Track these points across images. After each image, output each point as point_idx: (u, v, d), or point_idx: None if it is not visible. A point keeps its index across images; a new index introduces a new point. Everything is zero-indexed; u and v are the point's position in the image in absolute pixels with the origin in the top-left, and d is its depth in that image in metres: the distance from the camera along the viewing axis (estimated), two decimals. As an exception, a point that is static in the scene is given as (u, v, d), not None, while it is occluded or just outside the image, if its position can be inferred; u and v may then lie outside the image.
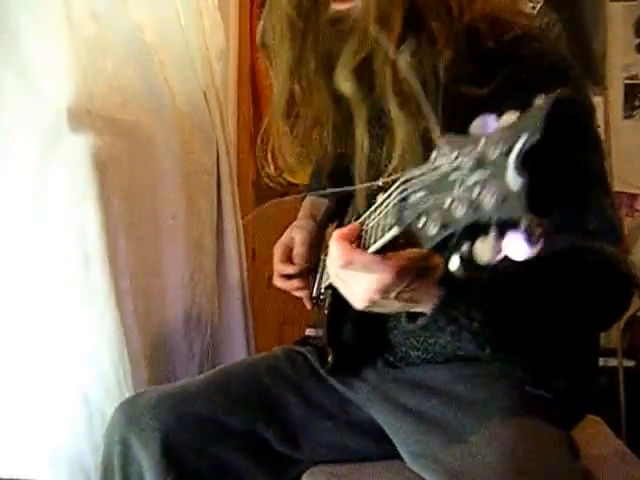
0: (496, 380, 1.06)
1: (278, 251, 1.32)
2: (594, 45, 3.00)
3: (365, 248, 0.80)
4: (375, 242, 0.78)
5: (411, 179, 0.69)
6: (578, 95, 1.00)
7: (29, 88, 1.33)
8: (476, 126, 0.59)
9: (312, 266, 1.31)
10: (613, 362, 2.50)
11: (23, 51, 1.33)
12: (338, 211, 1.33)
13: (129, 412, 1.15)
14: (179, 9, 1.59)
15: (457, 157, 0.60)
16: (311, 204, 1.39)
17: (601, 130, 2.94)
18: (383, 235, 0.76)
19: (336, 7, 1.00)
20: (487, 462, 0.92)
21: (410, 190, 0.69)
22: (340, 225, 1.29)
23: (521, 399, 1.04)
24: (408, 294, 0.82)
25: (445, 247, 0.63)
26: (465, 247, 0.60)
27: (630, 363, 2.59)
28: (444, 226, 0.61)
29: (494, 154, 0.55)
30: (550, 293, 0.89)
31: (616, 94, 3.00)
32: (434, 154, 0.64)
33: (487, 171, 0.56)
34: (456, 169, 0.60)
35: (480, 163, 0.57)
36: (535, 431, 0.99)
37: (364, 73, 0.98)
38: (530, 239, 0.55)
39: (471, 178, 0.58)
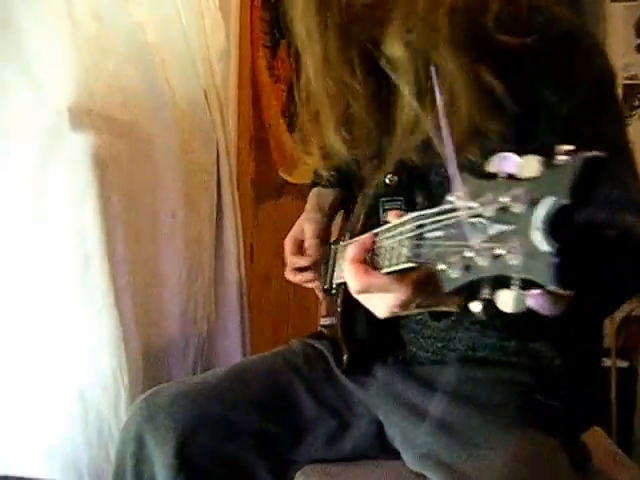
0: (505, 385, 1.06)
1: (289, 244, 1.31)
2: (594, 45, 3.00)
3: (378, 267, 0.81)
4: (390, 266, 0.78)
5: (426, 216, 0.69)
6: (598, 62, 0.98)
7: (30, 87, 1.33)
8: (494, 164, 0.58)
9: (323, 257, 1.29)
10: (606, 362, 2.50)
11: (25, 50, 1.33)
12: (345, 201, 1.32)
13: (145, 409, 1.14)
14: (180, 9, 1.59)
15: (477, 203, 0.59)
16: (318, 196, 1.37)
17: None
18: (398, 263, 0.76)
19: None
20: (493, 467, 0.92)
21: (427, 227, 0.68)
22: (348, 216, 1.29)
23: (529, 405, 1.04)
24: (429, 301, 0.82)
25: (464, 289, 0.62)
26: (487, 294, 0.59)
27: (624, 364, 2.59)
28: (466, 272, 0.61)
29: (518, 209, 0.54)
30: (573, 271, 0.87)
31: (615, 94, 3.00)
32: (451, 196, 0.63)
33: (511, 226, 0.55)
34: (476, 216, 0.59)
35: (502, 215, 0.56)
36: (541, 439, 0.99)
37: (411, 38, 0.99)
38: (554, 301, 0.55)
39: (493, 228, 0.57)
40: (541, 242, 0.52)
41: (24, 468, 1.36)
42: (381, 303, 0.82)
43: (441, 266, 0.64)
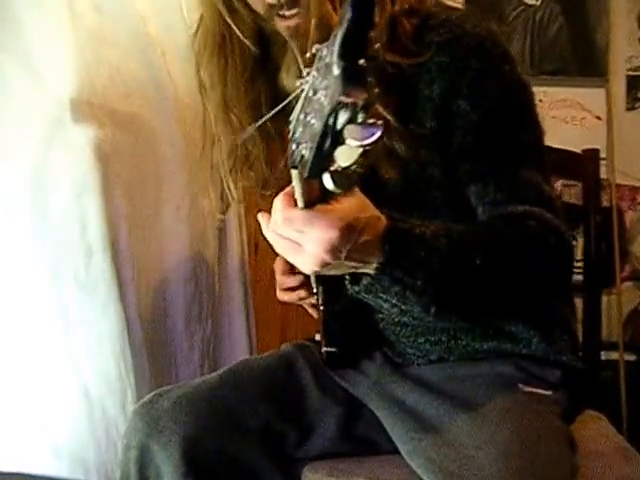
0: (491, 380, 1.07)
1: (279, 265, 1.32)
2: (597, 36, 3.00)
3: None
4: (296, 195, 0.76)
5: (293, 118, 0.70)
6: (507, 70, 1.03)
7: (31, 79, 1.33)
8: None
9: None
10: (615, 355, 2.50)
11: (26, 42, 1.33)
12: None
13: (146, 415, 1.12)
14: (182, 0, 1.58)
15: (309, 75, 0.63)
16: None
17: (603, 122, 2.94)
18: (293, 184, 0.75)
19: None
20: (480, 465, 0.92)
21: (293, 125, 0.69)
22: None
23: (516, 398, 1.05)
24: (358, 253, 0.80)
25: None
26: (329, 161, 0.64)
27: (631, 357, 2.59)
28: (311, 143, 0.63)
29: (327, 57, 0.58)
30: (494, 253, 0.91)
31: (619, 86, 3.00)
32: (299, 82, 0.66)
33: (327, 76, 0.59)
34: (314, 88, 0.62)
35: (324, 72, 0.59)
36: (529, 430, 0.99)
37: None
38: (370, 125, 0.59)
39: (320, 89, 0.60)
40: (337, 67, 0.56)
41: (32, 465, 1.35)
42: (310, 247, 0.77)
43: (301, 154, 0.66)
